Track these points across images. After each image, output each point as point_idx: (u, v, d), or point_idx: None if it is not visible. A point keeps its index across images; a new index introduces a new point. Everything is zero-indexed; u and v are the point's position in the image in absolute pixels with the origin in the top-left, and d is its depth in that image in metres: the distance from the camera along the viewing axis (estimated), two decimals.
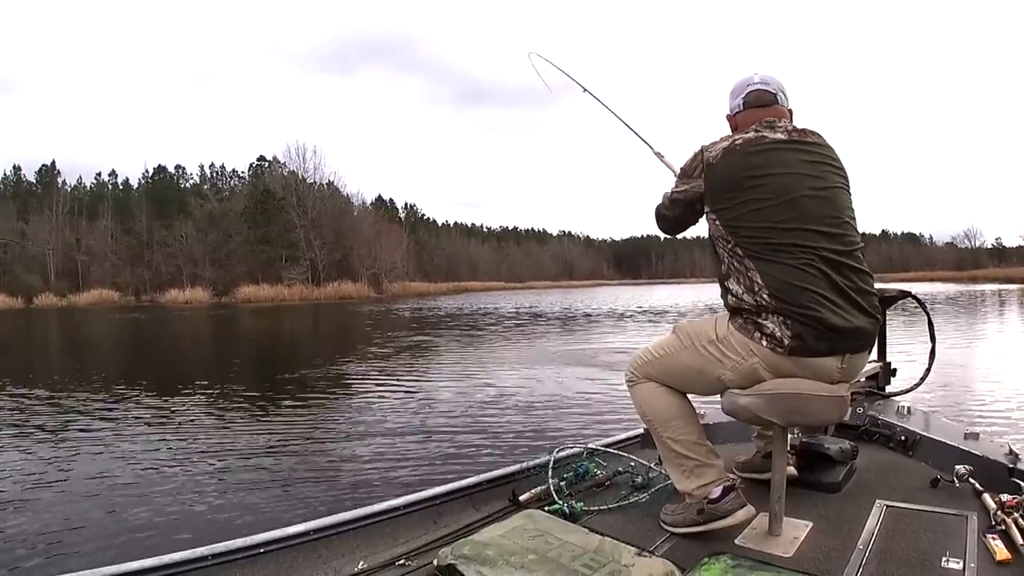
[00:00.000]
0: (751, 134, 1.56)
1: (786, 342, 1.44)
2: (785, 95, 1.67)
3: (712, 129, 1.70)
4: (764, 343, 1.47)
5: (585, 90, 2.66)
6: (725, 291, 1.57)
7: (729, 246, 1.53)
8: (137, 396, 6.84)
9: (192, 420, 5.55)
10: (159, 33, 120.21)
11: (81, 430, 5.21)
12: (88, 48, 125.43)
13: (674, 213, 1.74)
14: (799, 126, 1.61)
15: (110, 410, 6.06)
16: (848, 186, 1.59)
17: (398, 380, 7.68)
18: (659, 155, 2.27)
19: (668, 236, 1.98)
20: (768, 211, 1.48)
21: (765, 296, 1.46)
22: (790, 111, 1.67)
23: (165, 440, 4.82)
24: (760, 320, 1.47)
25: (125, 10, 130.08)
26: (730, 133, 1.68)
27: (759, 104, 1.65)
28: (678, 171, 1.85)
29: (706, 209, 1.60)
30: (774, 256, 1.47)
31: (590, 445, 2.26)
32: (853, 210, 1.57)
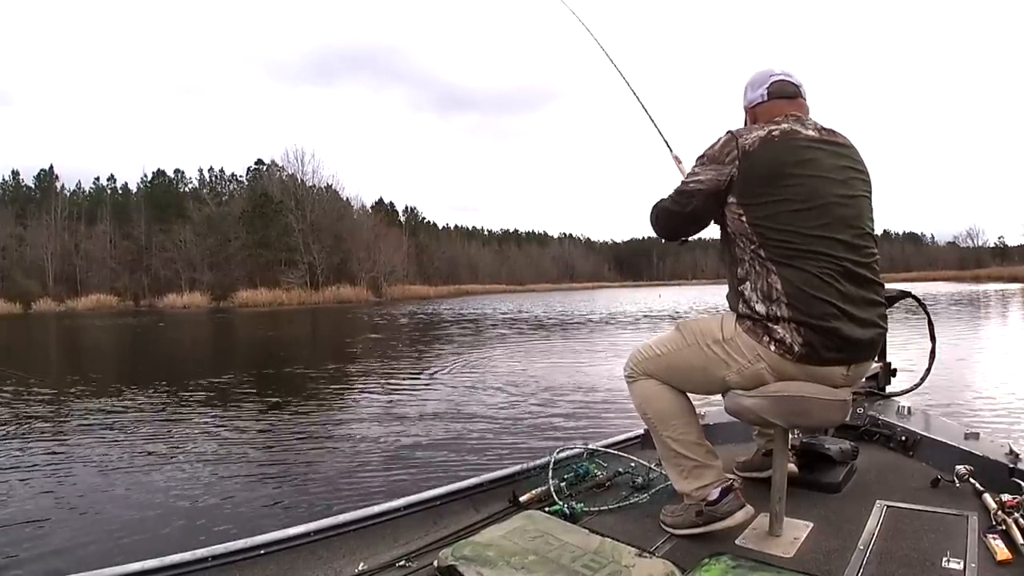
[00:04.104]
0: (785, 126, 1.50)
1: (796, 349, 1.43)
2: (805, 90, 1.62)
3: (711, 131, 1.63)
4: (773, 348, 1.45)
5: (621, 75, 2.44)
6: (737, 295, 1.52)
7: (752, 247, 1.48)
8: (136, 400, 6.83)
9: (191, 423, 5.54)
10: (153, 44, 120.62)
11: (81, 434, 5.20)
12: (85, 60, 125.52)
13: (688, 208, 1.58)
14: (824, 125, 1.56)
15: (110, 413, 6.05)
16: (871, 193, 1.55)
17: (397, 382, 7.67)
18: (676, 159, 2.15)
19: (667, 240, 1.79)
20: (799, 214, 1.43)
21: (783, 305, 1.43)
22: (808, 108, 1.61)
23: (165, 443, 4.82)
24: (771, 325, 1.45)
25: (120, 22, 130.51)
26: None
27: (783, 95, 1.59)
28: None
29: (731, 201, 1.50)
30: (797, 262, 1.43)
31: (590, 446, 2.26)
32: (873, 219, 1.54)
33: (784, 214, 1.44)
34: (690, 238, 1.73)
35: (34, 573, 2.66)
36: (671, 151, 2.20)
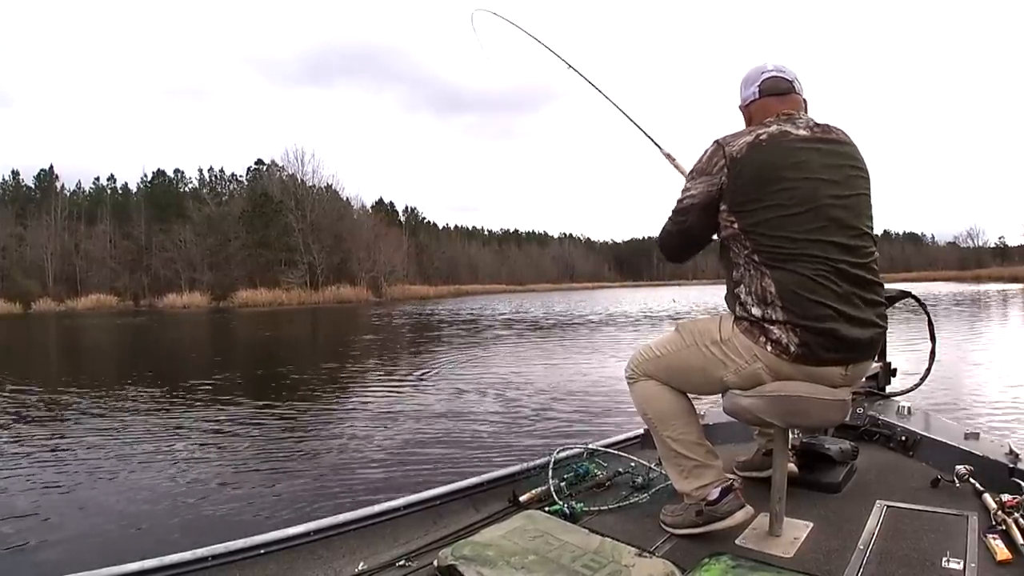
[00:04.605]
0: (773, 128, 1.49)
1: (792, 349, 1.43)
2: (800, 84, 1.61)
3: (706, 135, 1.60)
4: (769, 348, 1.45)
5: (570, 67, 2.43)
6: (734, 297, 1.53)
7: (746, 251, 1.48)
8: (135, 400, 6.83)
9: (191, 423, 5.54)
10: (153, 44, 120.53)
11: (81, 433, 5.20)
12: (85, 60, 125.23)
13: (686, 223, 1.58)
14: (819, 121, 1.54)
15: (110, 414, 6.05)
16: (869, 189, 1.54)
17: (396, 383, 7.68)
18: (668, 156, 2.13)
19: (677, 262, 1.77)
20: (790, 219, 1.43)
21: (778, 308, 1.43)
22: (804, 101, 1.61)
23: (165, 443, 4.82)
24: (767, 326, 1.45)
25: (120, 23, 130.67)
26: (744, 126, 1.62)
27: (775, 92, 1.58)
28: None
29: (723, 208, 1.50)
30: (791, 265, 1.43)
31: (590, 445, 2.26)
32: (872, 217, 1.53)
33: (776, 219, 1.44)
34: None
35: (33, 573, 2.66)
36: (661, 149, 2.18)
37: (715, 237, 1.63)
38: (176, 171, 62.25)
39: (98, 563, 1.37)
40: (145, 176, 61.35)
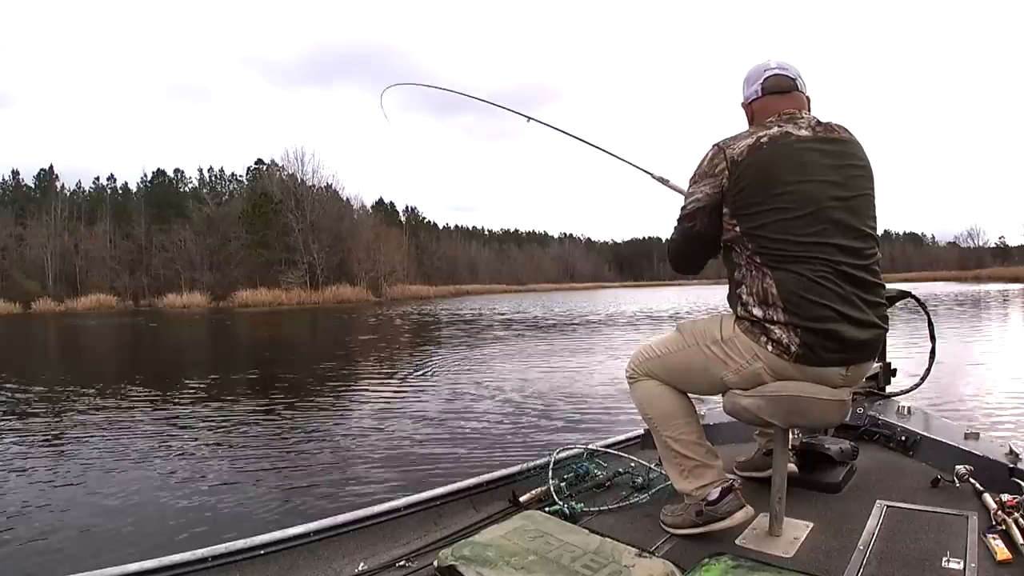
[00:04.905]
0: (775, 130, 1.49)
1: (793, 349, 1.43)
2: (803, 81, 1.60)
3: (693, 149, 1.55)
4: (770, 348, 1.45)
5: (530, 119, 2.50)
6: (735, 297, 1.53)
7: (747, 253, 1.48)
8: (134, 400, 6.83)
9: (191, 424, 5.54)
10: (153, 44, 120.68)
11: (82, 434, 5.20)
12: (85, 60, 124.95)
13: (694, 228, 1.57)
14: (822, 119, 1.53)
15: (108, 414, 6.05)
16: (873, 188, 1.53)
17: (396, 383, 7.68)
18: (662, 180, 2.13)
19: (689, 273, 1.76)
20: (792, 222, 1.43)
21: (779, 309, 1.43)
22: (808, 99, 1.60)
23: (165, 443, 4.82)
24: (768, 325, 1.45)
25: (120, 23, 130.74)
26: (748, 125, 1.62)
27: (778, 90, 1.57)
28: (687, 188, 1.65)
29: (725, 211, 1.50)
30: (793, 266, 1.43)
31: (590, 446, 2.26)
32: (874, 217, 1.52)
33: (777, 222, 1.44)
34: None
35: (33, 572, 2.66)
36: (652, 175, 2.18)
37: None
38: (176, 171, 62.41)
39: (99, 563, 1.37)
40: (145, 176, 61.50)
